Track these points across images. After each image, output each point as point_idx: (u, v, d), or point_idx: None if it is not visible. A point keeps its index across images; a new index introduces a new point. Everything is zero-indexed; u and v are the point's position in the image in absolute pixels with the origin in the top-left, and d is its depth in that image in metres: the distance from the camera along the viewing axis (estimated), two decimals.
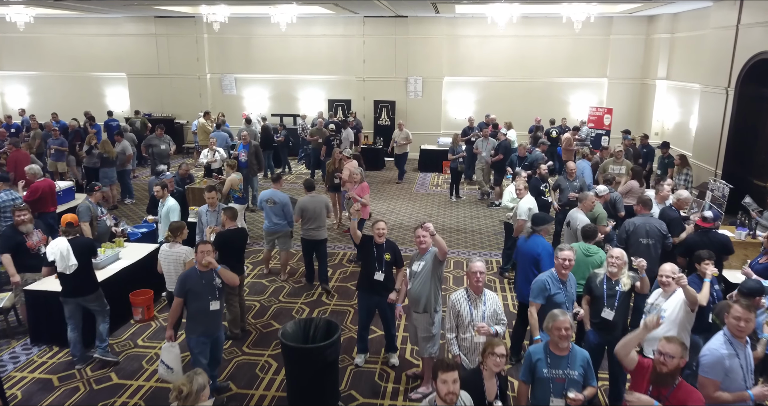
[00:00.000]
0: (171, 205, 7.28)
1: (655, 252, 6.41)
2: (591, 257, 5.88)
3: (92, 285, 5.92)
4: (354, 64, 17.58)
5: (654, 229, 6.42)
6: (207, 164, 11.54)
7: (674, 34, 15.26)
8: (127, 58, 18.43)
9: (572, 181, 8.94)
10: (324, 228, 7.88)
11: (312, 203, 7.76)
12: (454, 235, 10.34)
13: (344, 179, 10.10)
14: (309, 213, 7.70)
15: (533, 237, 6.05)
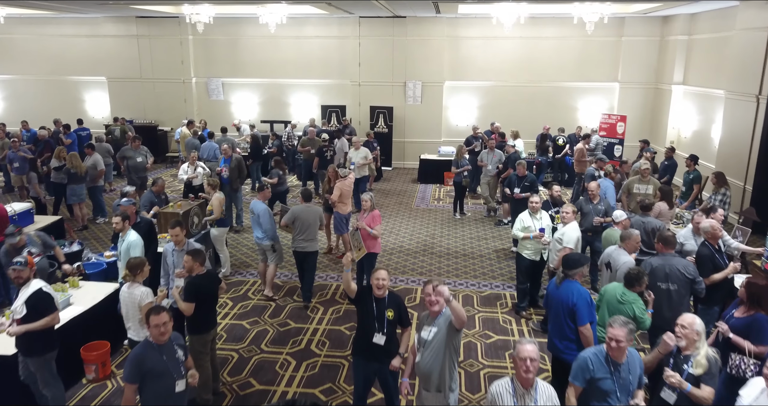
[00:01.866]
0: (131, 240, 6.16)
1: (678, 299, 5.34)
2: (623, 304, 4.86)
3: None
4: (349, 67, 16.50)
5: (675, 271, 5.31)
6: (187, 181, 10.44)
7: (692, 36, 14.24)
8: (107, 61, 17.28)
9: (596, 204, 7.89)
10: (316, 240, 7.63)
11: (306, 212, 7.51)
12: (460, 261, 9.27)
13: (333, 200, 9.01)
14: (301, 222, 7.43)
15: (566, 283, 5.00)
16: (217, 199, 8.31)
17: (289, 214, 7.59)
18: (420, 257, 9.42)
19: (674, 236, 5.48)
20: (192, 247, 5.93)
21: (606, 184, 8.56)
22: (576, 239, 6.48)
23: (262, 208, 7.69)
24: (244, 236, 10.51)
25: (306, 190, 8.00)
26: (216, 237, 8.38)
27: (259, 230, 7.66)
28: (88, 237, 10.31)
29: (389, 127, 16.29)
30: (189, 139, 13.03)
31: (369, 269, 7.51)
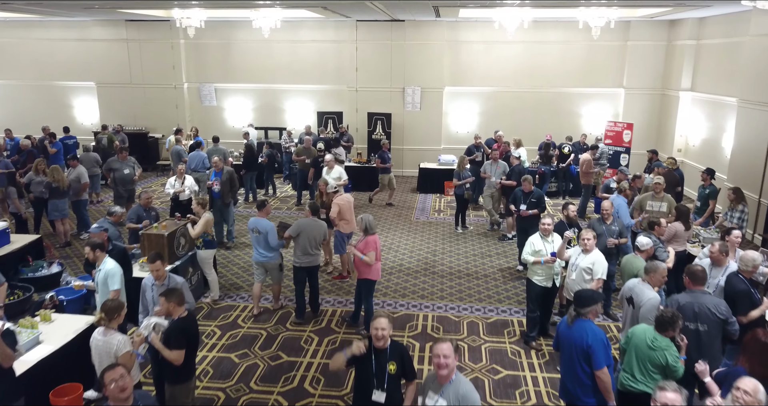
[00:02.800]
0: (109, 270, 5.62)
1: (708, 341, 4.83)
2: (655, 351, 4.35)
3: None
4: (346, 72, 15.98)
5: (705, 311, 4.80)
6: (174, 195, 9.90)
7: (700, 41, 13.77)
8: (96, 66, 16.73)
9: (609, 225, 7.38)
10: (318, 256, 7.53)
11: (312, 226, 7.37)
12: (464, 281, 8.76)
13: (333, 217, 8.51)
14: (307, 236, 7.26)
15: (579, 322, 4.52)
16: (204, 219, 7.79)
17: (295, 226, 7.32)
18: (421, 277, 8.90)
19: (704, 270, 4.95)
20: (174, 282, 5.40)
21: (619, 201, 8.05)
22: (606, 268, 5.99)
23: (269, 225, 7.41)
24: (235, 253, 9.98)
25: (314, 203, 7.79)
26: (203, 259, 7.86)
27: (264, 249, 7.40)
28: (71, 255, 9.77)
29: (387, 134, 15.78)
30: (174, 148, 12.48)
31: (366, 296, 7.03)
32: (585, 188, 11.94)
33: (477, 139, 13.32)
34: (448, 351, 3.60)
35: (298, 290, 7.48)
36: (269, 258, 7.47)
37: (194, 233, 7.70)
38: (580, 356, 4.47)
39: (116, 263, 5.73)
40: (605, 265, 6.04)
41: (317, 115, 16.16)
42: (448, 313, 7.66)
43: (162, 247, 7.36)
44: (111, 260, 5.74)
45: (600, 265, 6.00)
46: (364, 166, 14.64)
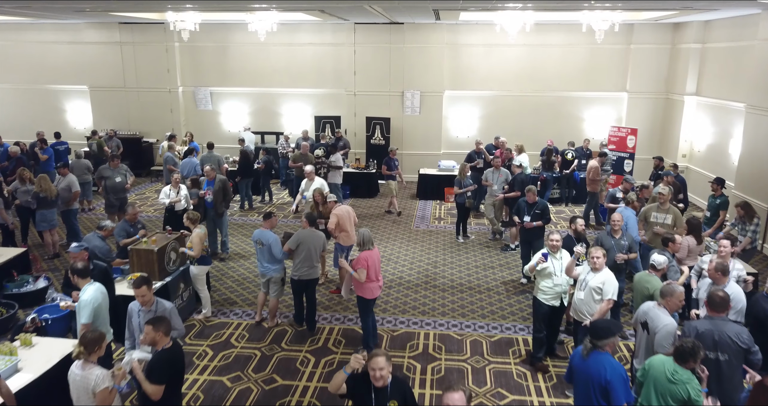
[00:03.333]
0: (82, 300, 5.19)
1: (729, 372, 4.53)
2: (675, 385, 4.05)
3: None
4: (344, 76, 15.68)
5: (726, 339, 4.48)
6: (169, 206, 9.58)
7: (706, 45, 13.48)
8: (89, 69, 16.40)
9: (618, 239, 7.09)
10: (317, 267, 7.38)
11: (311, 237, 7.20)
12: (466, 296, 8.45)
13: (331, 229, 8.21)
14: (306, 248, 7.11)
15: (595, 355, 4.23)
16: (197, 236, 7.48)
17: (294, 238, 7.15)
18: (421, 291, 8.60)
19: (726, 296, 4.65)
20: (162, 307, 5.08)
21: (627, 214, 7.74)
22: (617, 288, 5.70)
23: (273, 237, 7.25)
24: (229, 265, 9.66)
25: (310, 213, 7.50)
26: (196, 276, 7.55)
27: (268, 261, 7.22)
28: (60, 267, 9.45)
29: (386, 138, 15.48)
30: (166, 155, 12.19)
31: (360, 315, 6.82)
32: (590, 196, 11.65)
33: (479, 144, 13.01)
34: (460, 402, 3.29)
35: (296, 300, 7.41)
36: (272, 271, 7.27)
37: (195, 254, 7.39)
38: (598, 391, 4.19)
39: (93, 294, 5.30)
40: (616, 284, 5.74)
41: (315, 120, 15.85)
42: (451, 331, 7.36)
43: (152, 263, 7.06)
44: (90, 289, 5.30)
45: (610, 284, 5.70)
46: (363, 172, 14.33)
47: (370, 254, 6.57)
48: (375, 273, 6.61)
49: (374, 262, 6.58)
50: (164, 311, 5.02)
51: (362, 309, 6.73)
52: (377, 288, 6.72)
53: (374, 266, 6.58)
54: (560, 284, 6.21)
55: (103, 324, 5.28)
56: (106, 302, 5.38)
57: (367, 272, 6.49)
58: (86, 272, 5.38)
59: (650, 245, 7.72)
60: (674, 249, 6.45)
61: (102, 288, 5.38)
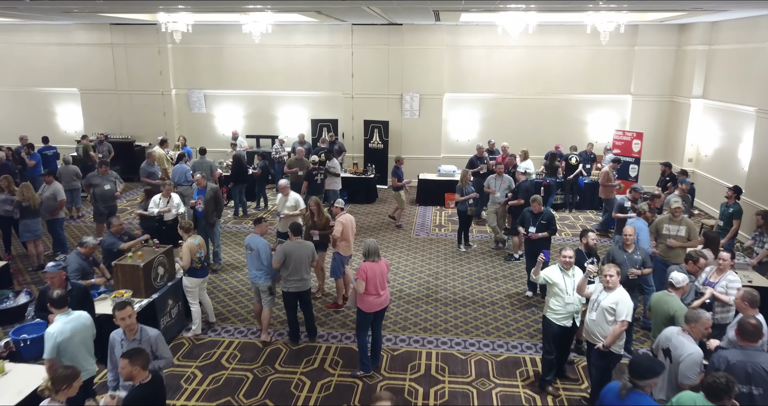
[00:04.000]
0: (50, 332, 4.75)
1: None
2: None
3: None
4: (341, 78, 15.29)
5: (761, 372, 4.10)
6: (158, 216, 9.18)
7: (713, 46, 13.13)
8: (80, 72, 15.98)
9: (631, 253, 6.71)
10: (309, 279, 7.04)
11: (298, 249, 6.85)
12: (470, 310, 8.07)
13: (336, 237, 7.83)
14: (293, 261, 6.78)
15: (634, 396, 3.85)
16: (187, 247, 7.09)
17: (279, 253, 6.81)
18: (422, 305, 8.21)
19: (759, 324, 4.27)
20: (146, 336, 4.67)
21: (639, 225, 7.36)
22: (632, 309, 5.31)
23: (262, 243, 6.97)
24: (222, 277, 9.26)
25: (295, 223, 7.06)
26: (188, 288, 7.18)
27: (256, 268, 6.99)
28: (45, 280, 9.00)
29: (385, 142, 15.09)
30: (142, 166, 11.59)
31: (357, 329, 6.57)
32: (607, 203, 11.22)
33: (481, 149, 12.56)
34: None
35: (290, 315, 7.07)
36: (259, 278, 7.02)
37: (183, 264, 7.03)
38: None
39: (62, 326, 4.81)
40: (630, 305, 5.35)
41: (311, 123, 15.46)
42: (454, 349, 6.97)
43: (137, 279, 6.66)
44: (60, 321, 4.84)
45: (625, 305, 5.31)
46: (361, 178, 13.95)
47: (371, 265, 6.24)
48: (375, 286, 6.25)
49: (375, 274, 6.24)
50: (149, 340, 4.62)
51: (358, 323, 6.42)
52: (377, 304, 6.34)
53: (374, 278, 6.23)
54: (572, 302, 5.83)
55: (74, 359, 4.81)
56: (81, 335, 4.94)
57: (366, 285, 6.19)
58: (62, 301, 4.93)
59: (663, 258, 7.36)
60: (694, 270, 6.01)
61: (77, 319, 4.95)
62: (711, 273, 6.25)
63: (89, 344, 5.09)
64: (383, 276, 6.36)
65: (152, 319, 6.69)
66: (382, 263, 6.38)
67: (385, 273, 6.39)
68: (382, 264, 6.36)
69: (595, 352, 5.46)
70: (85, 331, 5.03)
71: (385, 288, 6.42)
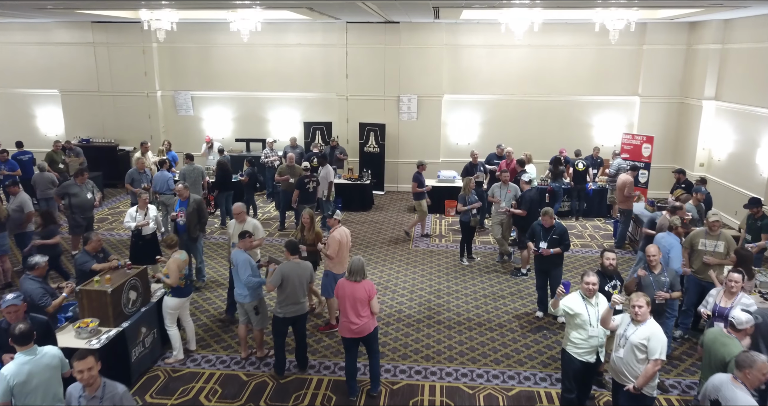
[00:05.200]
0: (5, 374, 4.10)
1: None
2: None
3: None
4: (335, 79, 14.57)
5: None
6: (136, 230, 8.44)
7: (726, 45, 12.48)
8: (60, 72, 15.20)
9: (657, 275, 6.02)
10: (305, 303, 6.37)
11: (296, 270, 6.15)
12: (475, 335, 7.36)
13: (329, 254, 7.11)
14: (292, 284, 6.09)
15: None
16: (174, 262, 6.41)
17: (277, 274, 6.12)
18: (423, 329, 7.49)
19: None
20: (110, 392, 3.90)
21: (671, 241, 6.65)
22: (666, 345, 4.62)
23: (242, 258, 6.39)
24: (205, 296, 8.53)
25: (291, 242, 6.33)
26: (170, 310, 6.47)
27: (238, 286, 6.48)
28: None
29: (381, 146, 14.38)
30: (131, 172, 10.76)
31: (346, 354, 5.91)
32: (624, 214, 10.50)
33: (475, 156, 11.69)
34: None
35: (278, 342, 6.34)
36: (242, 297, 6.49)
37: (170, 282, 6.34)
38: None
39: (17, 367, 4.16)
40: (664, 340, 4.66)
41: (304, 126, 14.73)
42: (460, 382, 6.27)
43: (105, 306, 5.92)
44: (16, 361, 4.19)
45: (658, 341, 4.62)
46: (356, 184, 13.22)
47: (347, 285, 5.69)
48: (345, 310, 5.67)
49: (346, 296, 5.66)
50: (113, 398, 3.88)
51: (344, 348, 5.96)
52: (350, 331, 5.70)
53: (344, 300, 5.67)
54: (596, 335, 5.14)
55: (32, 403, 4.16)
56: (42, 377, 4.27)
57: (340, 305, 5.74)
58: (26, 338, 4.26)
59: (698, 277, 6.69)
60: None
61: (39, 360, 4.30)
62: (719, 296, 5.57)
63: (55, 388, 4.41)
64: (357, 301, 5.64)
65: (122, 351, 5.96)
66: (362, 286, 5.67)
67: (361, 299, 5.65)
68: (360, 288, 5.66)
69: (624, 394, 4.78)
70: (47, 372, 4.35)
71: (360, 315, 5.66)
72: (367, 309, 5.70)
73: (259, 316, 6.59)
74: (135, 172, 10.71)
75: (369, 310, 5.72)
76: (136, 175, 10.66)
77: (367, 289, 5.69)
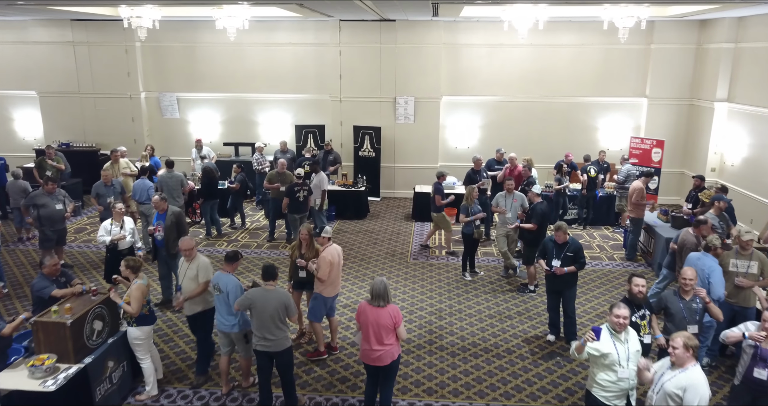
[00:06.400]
0: None
1: None
2: None
3: None
4: (328, 80, 13.86)
5: None
6: (111, 244, 7.72)
7: (739, 44, 11.87)
8: (38, 73, 14.43)
9: (689, 301, 5.36)
10: (285, 338, 5.44)
11: (266, 299, 5.34)
12: (482, 363, 6.67)
13: (320, 277, 6.38)
14: (258, 314, 5.32)
15: None
16: (138, 289, 5.70)
17: (243, 299, 5.46)
18: (425, 356, 6.80)
19: None
20: None
21: (709, 263, 5.93)
22: (708, 399, 3.94)
23: (231, 284, 5.68)
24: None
25: (268, 266, 5.51)
26: (136, 340, 5.75)
27: (226, 313, 5.72)
28: None
29: (376, 150, 13.68)
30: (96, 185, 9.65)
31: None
32: (634, 223, 9.82)
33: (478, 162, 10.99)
34: None
35: (261, 378, 5.61)
36: (231, 327, 5.76)
37: (132, 310, 5.62)
38: None
39: None
40: (705, 394, 3.93)
41: (295, 129, 14.01)
42: None
43: (64, 340, 5.20)
44: None
45: (696, 394, 3.90)
46: (351, 190, 12.53)
47: (368, 310, 5.11)
48: (368, 337, 5.12)
49: (370, 321, 5.09)
50: None
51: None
52: (368, 358, 5.15)
53: (367, 327, 5.10)
54: (626, 377, 4.45)
55: None
56: None
57: (362, 332, 5.17)
58: None
59: (730, 302, 6.03)
60: None
61: None
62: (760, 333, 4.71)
63: None
64: (382, 329, 5.06)
65: (84, 390, 5.24)
66: (387, 312, 5.08)
67: (386, 326, 5.06)
68: (385, 314, 5.07)
69: None
70: None
71: (384, 343, 5.08)
72: (392, 336, 5.13)
73: (250, 344, 5.87)
74: (100, 185, 9.57)
75: (394, 337, 5.15)
76: (102, 190, 9.52)
77: (393, 315, 5.09)
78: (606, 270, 9.56)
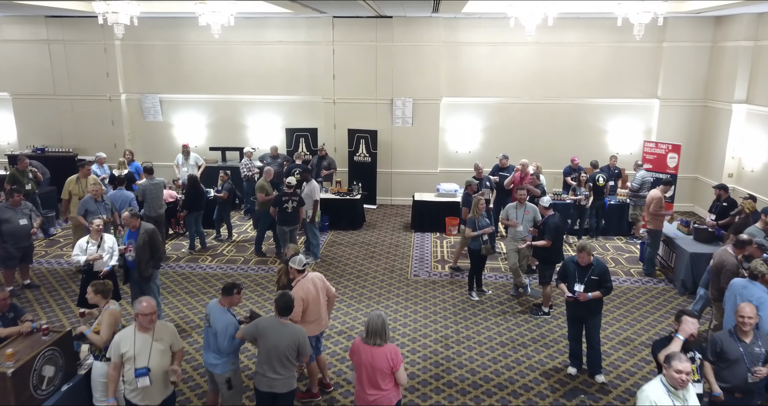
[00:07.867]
0: None
1: None
2: None
3: None
4: (321, 80, 13.03)
5: None
6: (85, 266, 6.88)
7: (759, 42, 11.16)
8: (11, 73, 13.52)
9: (750, 343, 4.56)
10: (292, 377, 4.76)
11: (279, 332, 4.67)
12: (497, 402, 5.87)
13: (294, 318, 5.44)
14: (267, 347, 4.63)
15: None
16: (110, 315, 4.91)
17: (251, 327, 4.80)
18: (431, 395, 5.99)
19: None
20: None
21: (758, 294, 5.16)
22: None
23: (224, 321, 4.90)
24: None
25: (282, 298, 4.78)
26: (101, 377, 4.88)
27: (213, 350, 4.96)
28: None
29: (372, 155, 12.87)
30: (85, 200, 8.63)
31: None
32: (652, 235, 9.05)
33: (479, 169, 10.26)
34: None
35: None
36: (215, 366, 5.00)
37: (101, 342, 4.79)
38: None
39: None
40: None
41: (286, 133, 13.17)
42: None
43: (5, 392, 4.35)
44: None
45: None
46: (345, 198, 11.71)
47: (365, 350, 4.34)
48: (361, 380, 4.38)
49: (363, 362, 4.34)
50: None
51: None
52: (365, 401, 4.37)
53: (362, 367, 4.35)
54: None
55: None
56: None
57: (356, 372, 4.44)
58: None
59: None
60: None
61: None
62: None
63: None
64: (377, 372, 4.30)
65: None
66: (383, 353, 4.30)
67: (381, 369, 4.30)
68: (381, 355, 4.30)
69: None
70: None
71: (380, 388, 4.31)
72: (389, 381, 4.36)
73: (232, 391, 5.05)
74: (90, 200, 8.57)
75: (392, 382, 4.38)
76: (92, 206, 8.50)
77: (390, 357, 4.32)
78: (624, 287, 8.79)
